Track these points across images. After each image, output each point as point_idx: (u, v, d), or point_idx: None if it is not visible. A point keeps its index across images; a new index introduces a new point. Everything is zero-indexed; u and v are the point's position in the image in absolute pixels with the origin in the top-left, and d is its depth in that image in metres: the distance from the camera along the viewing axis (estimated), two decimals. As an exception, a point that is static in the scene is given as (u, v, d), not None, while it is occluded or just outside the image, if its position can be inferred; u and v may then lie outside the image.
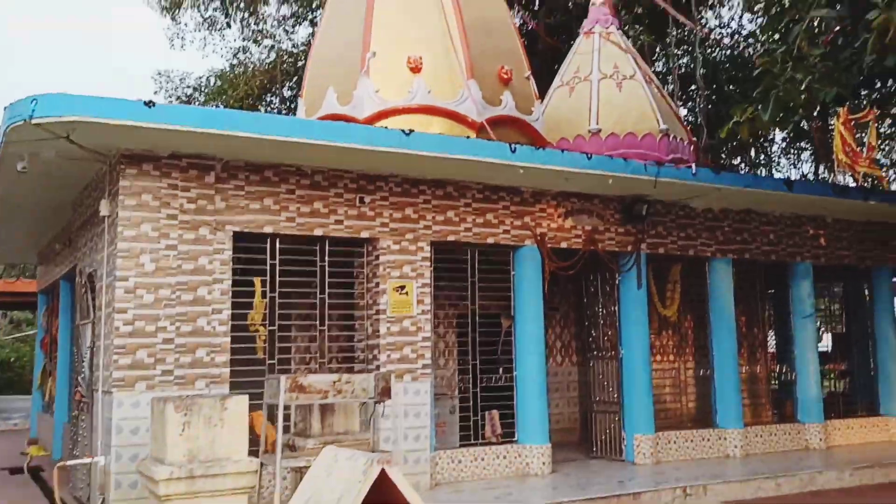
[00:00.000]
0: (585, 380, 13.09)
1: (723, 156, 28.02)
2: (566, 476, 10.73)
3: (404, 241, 10.21)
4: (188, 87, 29.16)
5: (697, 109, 25.89)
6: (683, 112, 27.46)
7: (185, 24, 28.62)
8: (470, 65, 13.05)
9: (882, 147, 28.38)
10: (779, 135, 28.22)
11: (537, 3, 26.18)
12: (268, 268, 9.54)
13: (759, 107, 8.48)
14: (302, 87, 14.73)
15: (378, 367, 9.87)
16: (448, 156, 9.51)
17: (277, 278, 9.58)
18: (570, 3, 24.72)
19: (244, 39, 29.19)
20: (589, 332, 12.66)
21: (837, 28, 8.55)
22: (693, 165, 11.77)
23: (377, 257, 10.08)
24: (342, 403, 7.55)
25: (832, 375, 17.15)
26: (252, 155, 9.16)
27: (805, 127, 25.68)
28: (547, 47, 22.52)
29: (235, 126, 8.46)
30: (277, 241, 9.58)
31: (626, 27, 23.89)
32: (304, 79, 14.76)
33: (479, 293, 11.14)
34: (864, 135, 15.41)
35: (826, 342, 19.01)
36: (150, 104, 7.91)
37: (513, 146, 10.04)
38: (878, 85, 13.01)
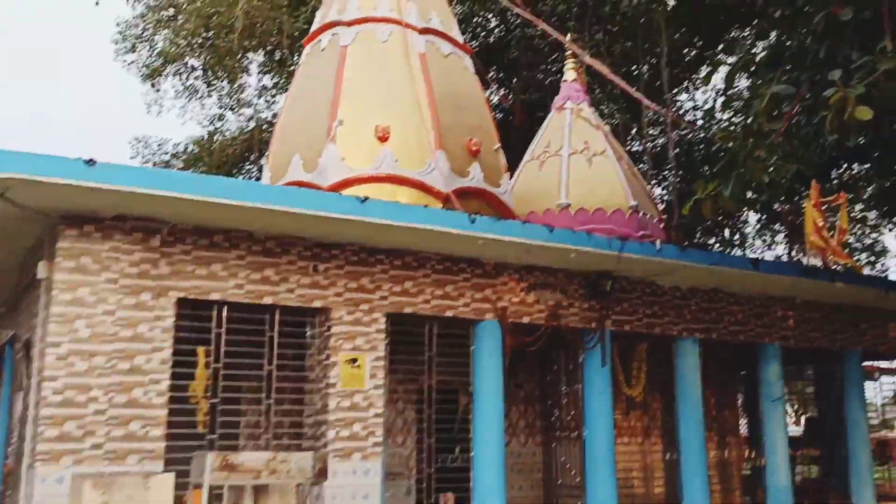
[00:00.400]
0: (550, 461, 12.61)
1: (697, 235, 28.07)
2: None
3: (358, 312, 9.85)
4: (165, 153, 29.01)
5: (671, 189, 26.01)
6: (659, 191, 27.61)
7: (165, 91, 28.64)
8: (438, 136, 12.95)
9: (853, 231, 28.58)
10: (753, 216, 28.39)
11: (514, 79, 26.49)
12: (213, 336, 9.12)
13: (721, 184, 8.30)
14: (268, 154, 14.57)
15: (325, 445, 9.39)
16: (405, 225, 9.25)
17: (223, 348, 9.15)
18: (546, 81, 25.00)
19: (222, 107, 29.25)
20: (552, 412, 12.23)
21: (798, 106, 8.46)
22: (657, 242, 11.57)
23: (329, 328, 9.69)
24: (278, 484, 7.06)
25: (806, 461, 16.75)
26: (201, 218, 8.85)
27: (777, 208, 25.84)
28: (524, 123, 22.66)
29: (182, 187, 8.18)
30: (225, 308, 9.20)
31: (601, 105, 24.15)
32: (270, 145, 14.61)
33: (436, 368, 10.74)
34: (835, 218, 15.41)
35: (800, 426, 18.64)
36: (90, 162, 7.62)
37: (472, 216, 9.81)
38: (845, 166, 13.02)
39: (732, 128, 8.04)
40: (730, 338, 13.06)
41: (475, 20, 25.74)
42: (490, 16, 26.07)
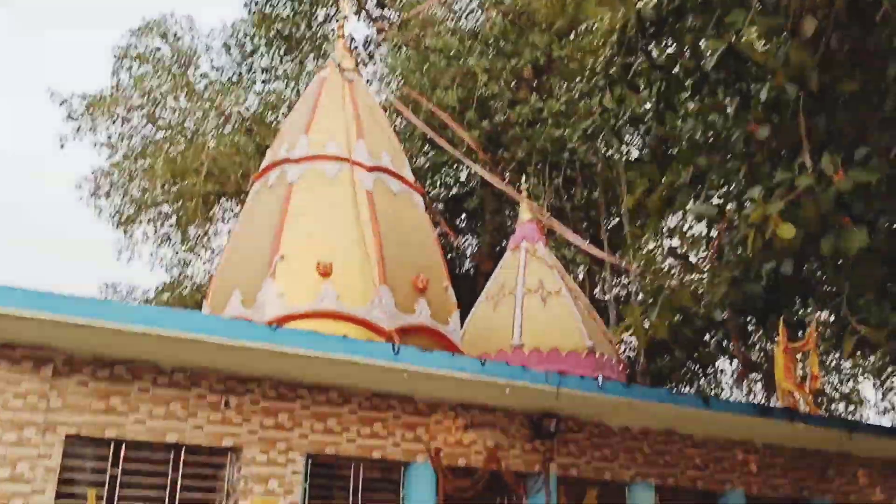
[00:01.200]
0: None
1: (670, 384, 27.41)
2: None
3: (273, 452, 9.10)
4: (135, 299, 28.45)
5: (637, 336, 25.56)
6: (627, 337, 27.15)
7: (137, 238, 28.45)
8: (383, 271, 12.61)
9: (829, 380, 28.03)
10: (730, 366, 27.84)
11: (478, 224, 26.61)
12: (107, 478, 8.32)
13: (648, 310, 7.92)
14: (207, 290, 14.15)
15: None
16: (320, 355, 8.69)
17: (118, 490, 8.34)
18: (510, 226, 25.09)
19: (191, 253, 29.03)
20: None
21: (726, 230, 8.20)
22: (600, 377, 11.00)
23: (239, 469, 8.92)
24: None
25: None
26: (100, 347, 8.27)
27: (755, 357, 25.39)
28: (492, 268, 22.50)
29: (78, 312, 7.66)
30: (123, 447, 8.45)
31: (564, 249, 24.11)
32: (211, 281, 14.22)
33: (364, 515, 9.87)
34: (805, 365, 14.92)
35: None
36: (-29, 283, 7.14)
37: (396, 347, 9.28)
38: (798, 302, 12.68)
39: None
40: (689, 483, 12.24)
41: (443, 169, 26.10)
42: (456, 165, 26.52)
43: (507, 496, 10.99)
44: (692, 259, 9.22)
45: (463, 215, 27.34)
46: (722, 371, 28.58)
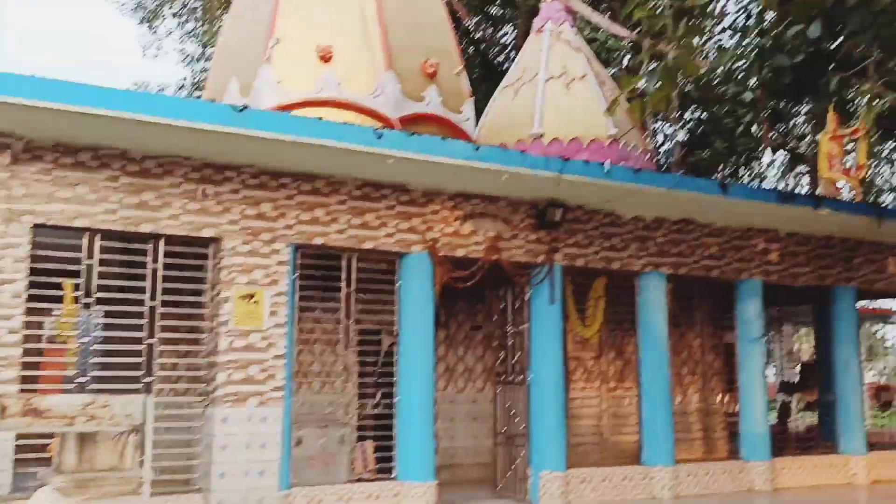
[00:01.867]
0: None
1: (713, 177, 26.45)
2: (449, 520, 9.21)
3: (257, 242, 8.78)
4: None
5: (677, 127, 24.43)
6: (671, 129, 25.93)
7: (161, 33, 27.65)
8: (388, 56, 11.74)
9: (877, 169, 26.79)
10: (776, 156, 26.61)
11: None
12: (84, 268, 8.12)
13: (646, 78, 7.02)
14: (205, 80, 13.50)
15: (215, 389, 8.42)
16: (291, 139, 8.09)
17: (95, 280, 8.16)
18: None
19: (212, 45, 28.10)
20: (497, 354, 11.17)
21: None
22: (607, 162, 10.27)
23: (221, 259, 8.65)
24: (104, 433, 6.09)
25: (801, 407, 15.51)
26: (63, 132, 7.78)
27: (801, 150, 24.13)
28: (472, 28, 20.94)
29: (36, 93, 7.09)
30: (98, 237, 8.18)
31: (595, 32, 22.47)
32: (210, 70, 13.51)
33: (358, 306, 9.70)
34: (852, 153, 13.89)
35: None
36: None
37: (378, 130, 8.63)
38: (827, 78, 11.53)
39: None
40: (703, 273, 11.79)
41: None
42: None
43: (508, 287, 10.69)
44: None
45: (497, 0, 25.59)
46: (764, 163, 27.45)
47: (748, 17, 7.53)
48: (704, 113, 23.33)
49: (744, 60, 8.89)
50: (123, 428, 5.95)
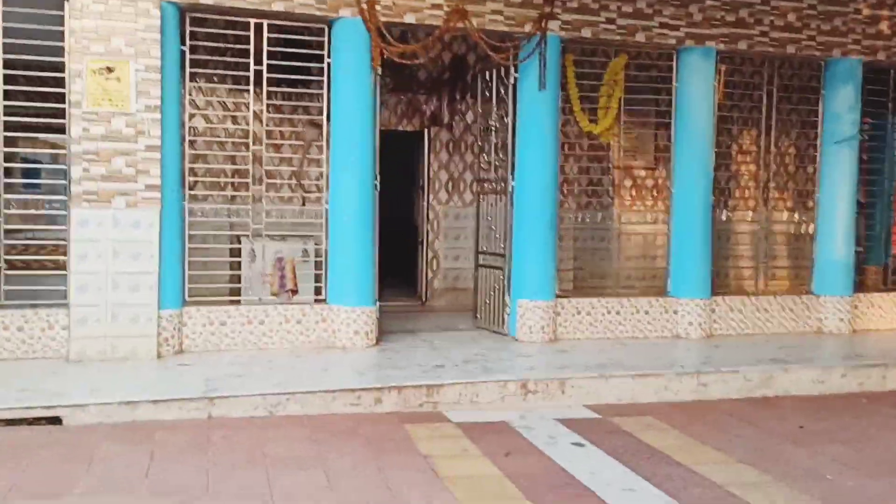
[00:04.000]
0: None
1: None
2: (380, 354, 7.40)
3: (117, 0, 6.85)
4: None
5: None
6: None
7: None
8: None
9: None
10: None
11: None
12: None
13: None
14: None
15: (68, 185, 6.83)
16: None
17: None
18: None
19: None
20: (479, 157, 8.89)
21: None
22: None
23: (69, 22, 6.81)
24: None
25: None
26: None
27: None
28: None
29: None
30: None
31: None
32: None
33: (273, 88, 7.71)
34: None
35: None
36: None
37: None
38: None
39: None
40: (771, 48, 8.78)
41: None
42: None
43: (481, 63, 8.24)
44: None
45: None
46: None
47: None
48: None
49: None
50: None
